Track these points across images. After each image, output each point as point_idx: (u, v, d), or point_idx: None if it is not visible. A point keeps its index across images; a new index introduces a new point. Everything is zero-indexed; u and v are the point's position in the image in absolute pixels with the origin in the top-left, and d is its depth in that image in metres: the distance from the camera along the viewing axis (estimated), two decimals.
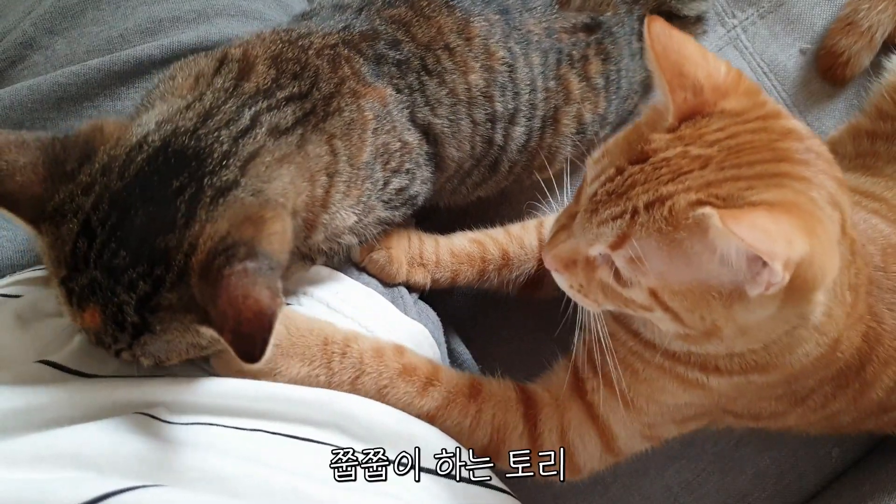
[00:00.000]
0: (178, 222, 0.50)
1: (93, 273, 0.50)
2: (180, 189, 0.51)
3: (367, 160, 0.61)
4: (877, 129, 0.77)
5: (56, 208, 0.51)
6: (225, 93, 0.58)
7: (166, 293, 0.50)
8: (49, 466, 0.47)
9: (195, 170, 0.52)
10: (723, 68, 0.53)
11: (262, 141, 0.55)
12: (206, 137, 0.54)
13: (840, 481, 0.79)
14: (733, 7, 0.92)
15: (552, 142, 0.75)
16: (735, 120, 0.51)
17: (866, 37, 0.85)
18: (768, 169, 0.49)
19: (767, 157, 0.50)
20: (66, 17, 0.74)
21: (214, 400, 0.54)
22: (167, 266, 0.50)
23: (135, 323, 0.50)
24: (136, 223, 0.50)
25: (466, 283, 0.74)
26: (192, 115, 0.55)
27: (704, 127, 0.51)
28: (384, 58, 0.64)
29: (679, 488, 0.79)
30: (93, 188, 0.51)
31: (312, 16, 0.69)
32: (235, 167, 0.53)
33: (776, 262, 0.44)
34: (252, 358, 0.46)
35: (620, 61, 0.76)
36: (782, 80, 0.90)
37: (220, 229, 0.50)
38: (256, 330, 0.46)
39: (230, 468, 0.49)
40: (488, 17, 0.68)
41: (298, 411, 0.55)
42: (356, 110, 0.61)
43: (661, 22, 0.53)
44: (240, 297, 0.47)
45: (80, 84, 0.69)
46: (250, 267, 0.48)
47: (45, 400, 0.51)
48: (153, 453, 0.48)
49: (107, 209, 0.51)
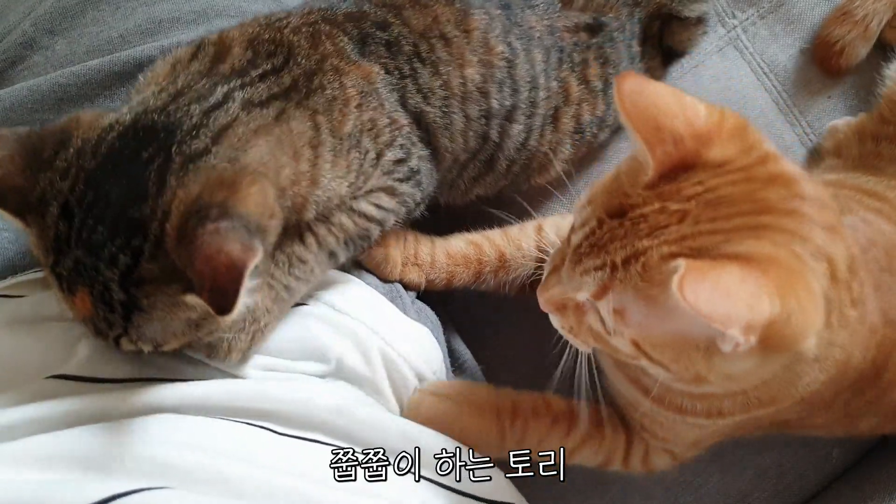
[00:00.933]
0: (150, 191, 0.51)
1: (75, 253, 0.50)
2: (150, 159, 0.51)
3: (350, 131, 0.61)
4: (880, 132, 0.77)
5: (39, 197, 0.52)
6: (199, 74, 0.58)
7: (147, 264, 0.50)
8: (56, 467, 0.47)
9: (163, 140, 0.52)
10: (702, 112, 0.51)
11: (234, 114, 0.55)
12: (175, 112, 0.54)
13: (840, 481, 0.79)
14: (733, 7, 0.92)
15: (552, 139, 0.75)
16: (716, 172, 0.50)
17: (861, 26, 0.85)
18: (747, 221, 0.48)
19: (747, 209, 0.48)
20: (66, 18, 0.74)
21: (226, 401, 0.54)
22: (144, 235, 0.50)
23: (122, 301, 0.50)
24: (111, 198, 0.51)
25: (462, 284, 0.74)
26: (164, 95, 0.56)
27: (684, 181, 0.50)
28: (371, 37, 0.63)
29: (679, 488, 0.79)
30: (69, 171, 0.52)
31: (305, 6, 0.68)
32: (206, 137, 0.53)
33: (731, 329, 0.43)
34: (224, 309, 0.47)
35: (619, 65, 0.76)
36: (782, 81, 0.90)
37: (192, 193, 0.50)
38: (228, 281, 0.47)
39: (235, 470, 0.49)
40: (489, 11, 0.67)
41: (302, 413, 0.55)
42: (338, 87, 0.60)
43: (631, 78, 0.52)
44: (212, 253, 0.47)
45: (79, 84, 0.69)
46: (223, 226, 0.48)
47: (61, 409, 0.51)
48: (160, 455, 0.48)
49: (83, 188, 0.51)
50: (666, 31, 0.83)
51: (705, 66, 0.90)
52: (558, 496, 0.77)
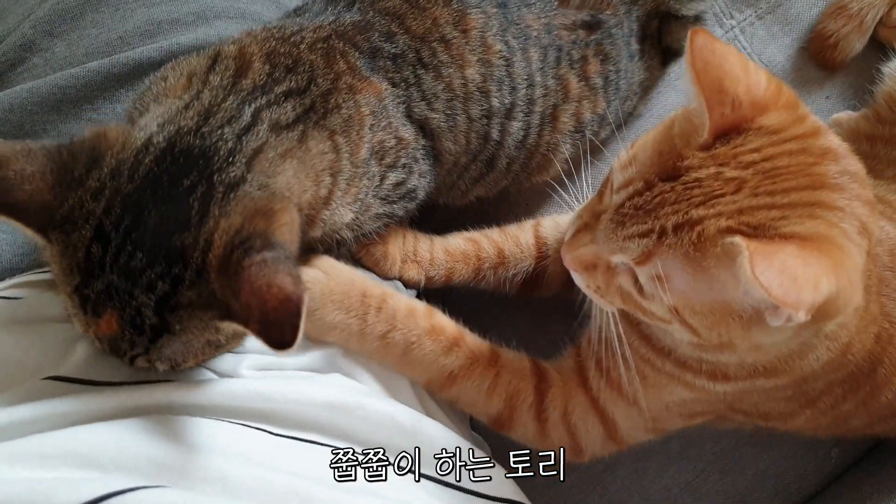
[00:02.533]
0: (193, 220, 0.51)
1: (109, 277, 0.50)
2: (191, 187, 0.51)
3: (365, 157, 0.61)
4: (875, 133, 0.77)
5: (65, 215, 0.51)
6: (223, 90, 0.58)
7: (185, 291, 0.50)
8: (53, 465, 0.47)
9: (203, 168, 0.52)
10: (763, 81, 0.52)
11: (264, 137, 0.55)
12: (210, 136, 0.54)
13: (840, 482, 0.79)
14: (731, 8, 0.92)
15: (550, 139, 0.75)
16: (772, 139, 0.50)
17: (856, 20, 0.85)
18: (803, 197, 0.48)
19: (803, 183, 0.49)
20: (65, 20, 0.74)
21: (220, 402, 0.54)
22: (185, 264, 0.50)
23: (153, 324, 0.50)
24: (150, 224, 0.50)
25: (462, 281, 0.74)
26: (192, 113, 0.55)
27: (740, 146, 0.50)
28: (380, 51, 0.64)
29: (679, 489, 0.79)
30: (103, 192, 0.51)
31: (304, 11, 0.68)
32: (242, 163, 0.53)
33: (800, 312, 0.44)
34: (285, 344, 0.47)
35: (619, 62, 0.76)
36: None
37: (234, 223, 0.50)
38: (285, 316, 0.46)
39: (233, 469, 0.49)
40: (486, 10, 0.67)
41: (298, 413, 0.55)
42: (353, 106, 0.61)
43: (703, 35, 0.51)
44: (263, 286, 0.47)
45: (79, 87, 0.69)
46: (268, 257, 0.48)
47: (56, 411, 0.51)
48: (157, 454, 0.48)
49: (119, 212, 0.51)
50: (665, 30, 0.83)
51: None
52: (557, 496, 0.78)
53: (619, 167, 0.55)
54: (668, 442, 0.78)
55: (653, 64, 0.85)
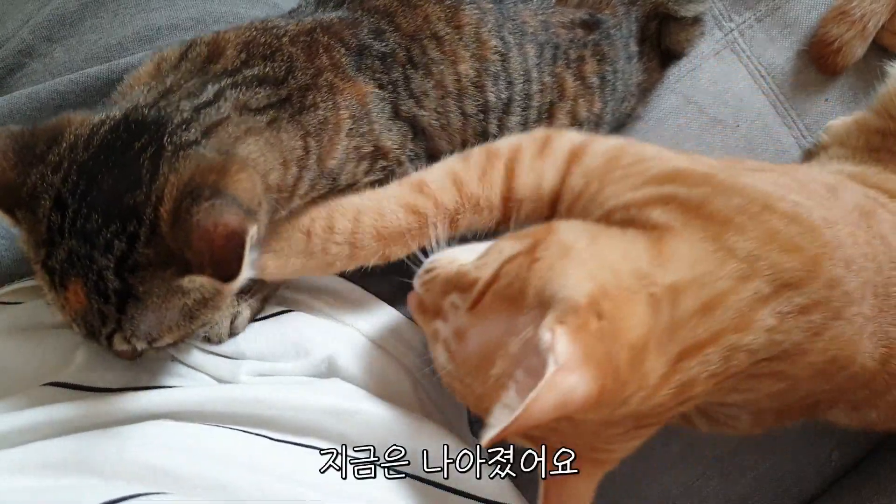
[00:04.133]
0: (144, 178, 0.51)
1: (69, 243, 0.51)
2: (141, 149, 0.52)
3: (335, 166, 0.61)
4: (885, 127, 0.77)
5: (30, 192, 0.52)
6: (189, 73, 0.58)
7: (142, 249, 0.50)
8: (52, 473, 0.47)
9: (154, 132, 0.53)
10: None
11: (226, 113, 0.55)
12: (166, 107, 0.54)
13: (840, 484, 0.79)
14: (730, 11, 0.92)
15: None
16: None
17: (858, 26, 0.85)
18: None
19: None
20: (64, 25, 0.74)
21: (220, 408, 0.54)
22: (139, 221, 0.50)
23: (117, 289, 0.51)
24: (105, 187, 0.51)
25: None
26: (153, 93, 0.56)
27: None
28: (368, 49, 0.63)
29: (678, 492, 0.79)
30: (61, 165, 0.52)
31: (296, 13, 0.68)
32: (197, 131, 0.54)
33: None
34: (230, 276, 0.48)
35: (616, 63, 0.76)
36: (780, 84, 0.90)
37: (184, 177, 0.51)
38: (230, 249, 0.48)
39: (233, 476, 0.49)
40: (480, 6, 0.67)
41: (296, 419, 0.55)
42: (332, 109, 0.60)
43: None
44: (209, 227, 0.48)
45: (78, 92, 0.69)
46: (217, 202, 0.49)
47: (56, 417, 0.51)
48: (157, 461, 0.48)
49: (75, 179, 0.51)
50: (664, 32, 0.83)
51: (702, 69, 0.90)
52: None
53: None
54: (667, 445, 0.78)
55: (651, 66, 0.85)
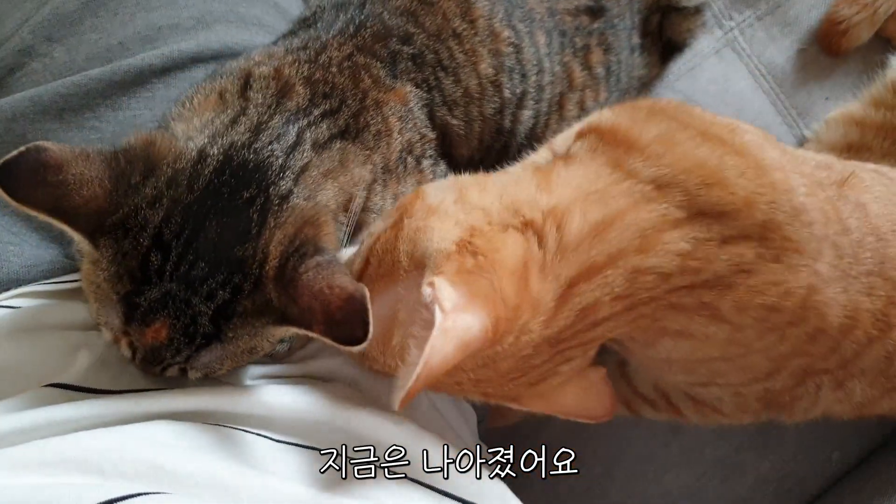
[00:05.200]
0: (252, 231, 0.52)
1: (168, 286, 0.50)
2: (250, 200, 0.53)
3: (396, 160, 0.63)
4: (867, 119, 0.77)
5: (117, 222, 0.51)
6: (268, 108, 0.59)
7: (243, 300, 0.51)
8: (54, 471, 0.47)
9: (260, 181, 0.54)
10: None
11: (309, 156, 0.57)
12: (262, 151, 0.55)
13: (840, 485, 0.79)
14: (731, 9, 0.92)
15: (557, 128, 0.75)
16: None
17: (869, 9, 0.85)
18: None
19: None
20: (64, 25, 0.74)
21: (222, 409, 0.54)
22: (244, 274, 0.51)
23: (206, 333, 0.51)
24: (212, 234, 0.51)
25: None
26: (242, 129, 0.56)
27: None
28: (399, 54, 0.64)
29: (679, 493, 0.79)
30: (161, 201, 0.51)
31: (316, 20, 0.68)
32: (290, 179, 0.55)
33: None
34: (357, 340, 0.48)
35: (621, 53, 0.77)
36: (780, 83, 0.90)
37: (288, 233, 0.52)
38: (352, 314, 0.48)
39: (234, 476, 0.49)
40: None
41: (299, 420, 0.55)
42: (381, 121, 0.62)
43: None
44: (324, 288, 0.48)
45: (81, 94, 0.68)
46: (321, 261, 0.50)
47: (57, 418, 0.51)
48: (158, 460, 0.48)
49: (180, 221, 0.51)
50: (666, 23, 0.83)
51: (702, 68, 0.90)
52: (556, 501, 0.78)
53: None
54: (668, 446, 0.78)
55: (652, 61, 0.85)
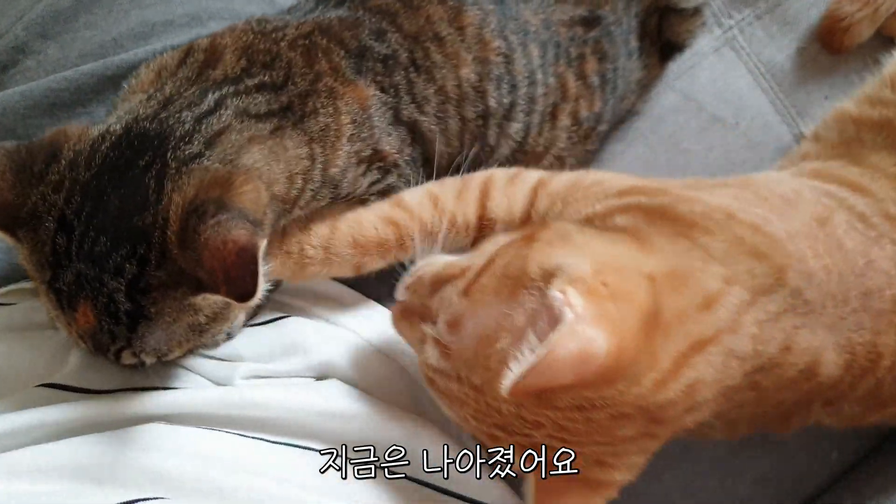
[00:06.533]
0: (150, 199, 0.50)
1: (77, 266, 0.50)
2: (146, 167, 0.51)
3: (334, 174, 0.60)
4: (862, 116, 0.76)
5: (30, 212, 0.51)
6: (188, 81, 0.57)
7: (153, 271, 0.50)
8: (49, 479, 0.47)
9: (158, 147, 0.52)
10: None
11: (227, 121, 0.55)
12: (167, 119, 0.54)
13: (840, 484, 0.79)
14: (730, 8, 0.92)
15: (549, 136, 0.74)
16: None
17: (871, 6, 0.84)
18: None
19: None
20: (58, 22, 0.74)
21: (216, 411, 0.54)
22: (148, 244, 0.50)
23: (128, 310, 0.50)
24: (111, 208, 0.50)
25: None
26: (153, 103, 0.55)
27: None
28: (368, 51, 0.62)
29: (677, 493, 0.78)
30: (63, 184, 0.51)
31: (297, 9, 0.68)
32: (199, 142, 0.53)
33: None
34: (247, 296, 0.47)
35: (617, 60, 0.76)
36: (779, 82, 0.90)
37: (188, 195, 0.50)
38: (243, 266, 0.47)
39: (230, 479, 0.49)
40: (482, 7, 0.66)
41: (294, 420, 0.55)
42: (333, 114, 0.59)
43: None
44: (219, 245, 0.47)
45: (72, 90, 0.68)
46: (222, 218, 0.48)
47: (50, 419, 0.51)
48: (153, 466, 0.48)
49: (79, 200, 0.50)
50: (664, 25, 0.83)
51: (702, 67, 0.90)
52: None
53: None
54: (666, 445, 0.77)
55: (650, 62, 0.84)
